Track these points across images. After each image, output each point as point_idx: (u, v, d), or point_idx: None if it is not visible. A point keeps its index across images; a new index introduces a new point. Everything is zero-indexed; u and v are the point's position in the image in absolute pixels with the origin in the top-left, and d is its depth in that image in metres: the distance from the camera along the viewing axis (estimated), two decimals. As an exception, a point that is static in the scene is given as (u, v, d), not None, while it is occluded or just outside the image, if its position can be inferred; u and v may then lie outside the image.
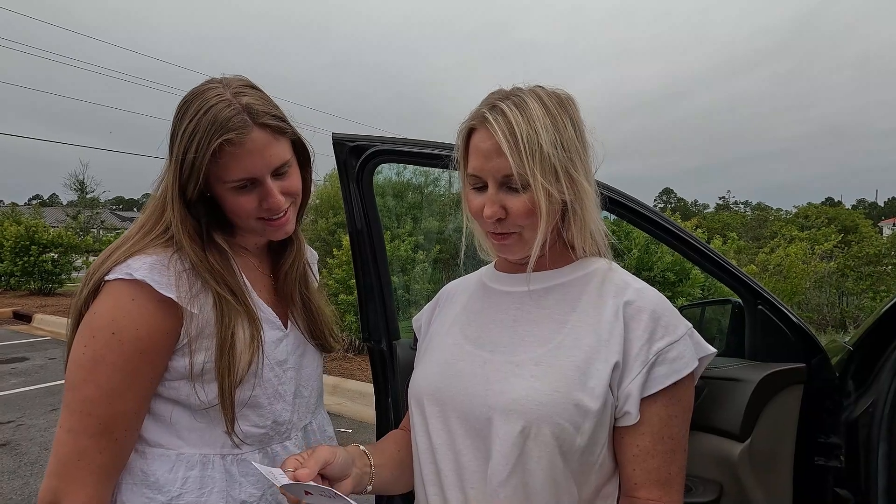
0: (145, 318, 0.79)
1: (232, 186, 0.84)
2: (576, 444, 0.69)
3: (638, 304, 0.74)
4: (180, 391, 0.84)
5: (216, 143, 0.79)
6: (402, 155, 1.30)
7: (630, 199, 1.22)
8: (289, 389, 0.94)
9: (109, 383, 0.77)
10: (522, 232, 0.75)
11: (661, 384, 0.70)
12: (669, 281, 6.12)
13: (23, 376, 5.76)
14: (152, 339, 0.80)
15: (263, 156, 0.83)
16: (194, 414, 0.86)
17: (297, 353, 0.98)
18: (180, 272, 0.82)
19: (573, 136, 0.74)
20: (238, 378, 0.84)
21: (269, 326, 0.92)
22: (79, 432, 0.77)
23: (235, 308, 0.85)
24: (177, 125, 0.83)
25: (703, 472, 1.23)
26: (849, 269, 10.09)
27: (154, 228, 0.85)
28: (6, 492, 3.22)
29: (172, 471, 0.84)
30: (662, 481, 0.71)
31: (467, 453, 0.74)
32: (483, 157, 0.73)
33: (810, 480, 1.25)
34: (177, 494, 0.83)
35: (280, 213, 0.88)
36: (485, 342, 0.80)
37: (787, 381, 1.22)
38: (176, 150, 0.82)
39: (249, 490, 0.88)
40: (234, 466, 0.88)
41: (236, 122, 0.80)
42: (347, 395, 5.13)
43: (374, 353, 1.46)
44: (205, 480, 0.85)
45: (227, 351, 0.83)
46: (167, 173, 0.85)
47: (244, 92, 0.83)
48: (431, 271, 7.35)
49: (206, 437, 0.86)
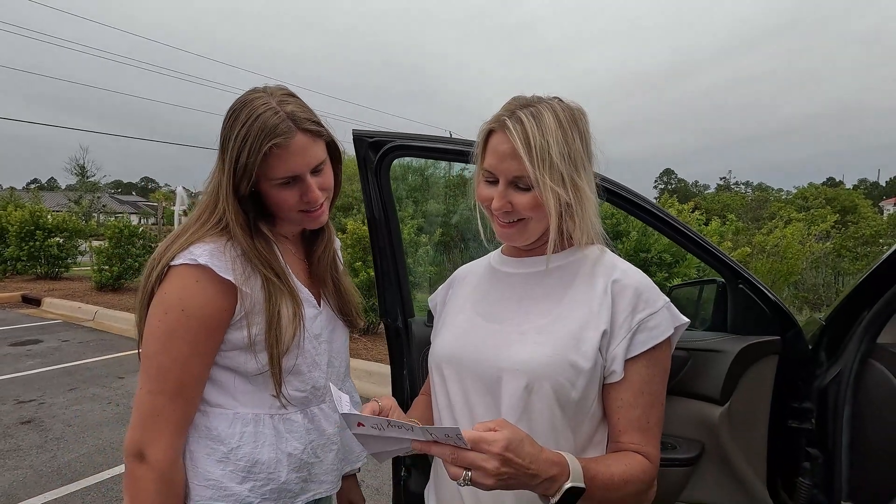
0: (208, 297, 0.91)
1: (277, 184, 0.96)
2: (571, 397, 0.83)
3: (623, 281, 0.87)
4: (235, 360, 0.97)
5: (266, 147, 0.90)
6: (416, 150, 1.41)
7: (623, 188, 1.34)
8: (323, 360, 1.08)
9: (180, 352, 0.90)
10: (527, 221, 0.88)
11: (641, 348, 0.84)
12: (666, 262, 6.26)
13: (38, 357, 5.93)
14: (214, 316, 0.92)
15: (304, 156, 0.95)
16: (247, 379, 0.99)
17: (329, 328, 1.11)
18: (234, 257, 0.94)
19: (580, 148, 0.86)
20: (284, 348, 0.97)
21: (307, 304, 1.04)
22: (156, 393, 0.91)
23: (280, 288, 0.98)
24: (228, 131, 0.94)
25: (686, 433, 1.38)
26: (845, 249, 10.21)
27: (209, 220, 0.97)
28: (37, 464, 3.41)
29: (231, 426, 0.97)
30: (642, 428, 0.85)
31: (480, 407, 0.88)
32: (499, 157, 0.85)
33: (785, 441, 1.39)
34: (235, 446, 0.97)
35: (317, 205, 1.00)
36: (494, 317, 0.93)
37: (764, 352, 1.35)
38: (229, 153, 0.93)
39: (294, 444, 1.02)
40: (280, 424, 1.01)
41: (283, 128, 0.91)
42: (354, 374, 5.29)
43: (390, 330, 1.59)
44: (258, 435, 0.99)
45: (275, 325, 0.95)
46: (218, 173, 0.97)
47: (287, 101, 0.95)
48: (434, 254, 7.47)
49: (256, 399, 1.00)
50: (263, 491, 0.98)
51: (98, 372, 5.42)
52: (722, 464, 1.36)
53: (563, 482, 0.72)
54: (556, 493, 0.72)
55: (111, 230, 10.54)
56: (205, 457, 0.96)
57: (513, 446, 0.68)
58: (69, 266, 12.37)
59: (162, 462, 0.90)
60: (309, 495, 1.05)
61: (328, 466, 1.09)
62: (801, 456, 1.38)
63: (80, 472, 3.29)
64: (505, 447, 0.67)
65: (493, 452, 0.67)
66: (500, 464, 0.67)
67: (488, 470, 0.67)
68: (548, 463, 0.71)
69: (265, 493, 0.98)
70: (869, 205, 31.25)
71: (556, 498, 0.72)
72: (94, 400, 4.60)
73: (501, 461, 0.67)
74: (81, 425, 4.03)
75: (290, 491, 1.02)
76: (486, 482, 0.67)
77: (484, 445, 0.67)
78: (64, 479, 3.21)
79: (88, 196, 27.33)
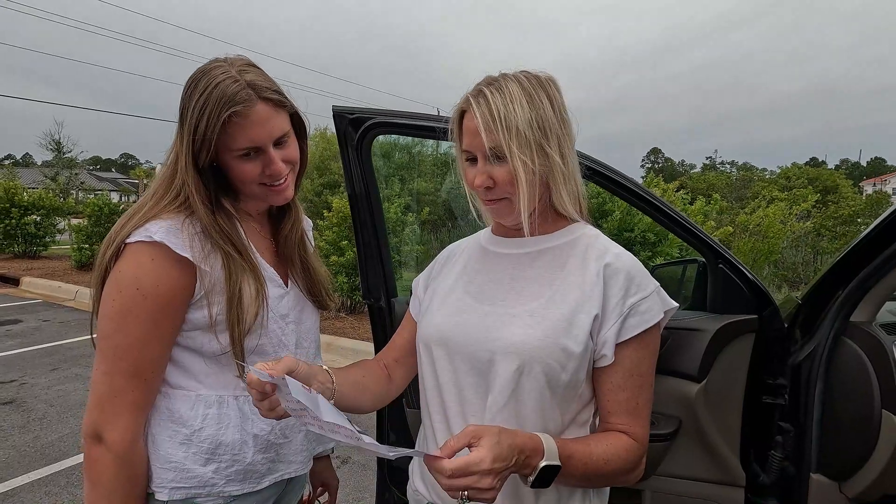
0: (164, 275, 0.88)
1: (238, 155, 0.92)
2: (561, 379, 0.84)
3: (616, 265, 0.87)
4: (197, 340, 0.94)
5: (225, 115, 0.87)
6: (397, 127, 1.39)
7: (605, 167, 1.33)
8: (291, 340, 1.05)
9: (136, 332, 0.88)
10: (511, 198, 0.87)
11: (632, 332, 0.84)
12: (649, 241, 6.32)
13: (19, 338, 5.84)
14: (171, 294, 0.89)
15: (266, 126, 0.91)
16: (209, 360, 0.96)
17: (297, 308, 1.08)
18: (193, 234, 0.91)
19: (550, 114, 0.84)
20: (246, 328, 0.94)
21: (272, 284, 1.01)
22: (113, 374, 0.88)
23: (241, 266, 0.94)
24: (187, 101, 0.90)
25: (664, 409, 1.41)
26: (825, 228, 10.42)
27: (166, 195, 0.93)
28: (19, 444, 3.38)
29: (193, 408, 0.95)
30: (631, 410, 0.86)
31: (469, 388, 0.88)
32: (471, 135, 0.85)
33: (760, 415, 1.43)
34: (198, 428, 0.95)
35: (281, 179, 0.97)
36: (485, 297, 0.92)
37: (741, 331, 1.38)
38: (188, 123, 0.89)
39: (261, 425, 1.00)
40: (246, 406, 0.99)
41: (242, 95, 0.88)
42: (340, 353, 5.33)
43: (373, 311, 1.59)
44: (221, 417, 0.96)
45: (236, 304, 0.93)
46: (177, 145, 0.93)
47: (247, 70, 0.92)
48: (420, 233, 7.45)
49: (220, 380, 0.97)
50: (229, 472, 0.97)
51: (80, 352, 5.35)
52: (698, 438, 1.40)
53: (537, 462, 0.74)
54: (532, 473, 0.74)
55: (90, 208, 10.31)
56: (167, 439, 0.94)
57: (497, 454, 0.69)
58: (48, 245, 12.11)
59: (120, 444, 0.88)
60: (277, 475, 1.04)
61: (297, 447, 1.08)
62: (773, 430, 1.42)
63: (63, 452, 3.28)
64: (493, 460, 0.68)
65: (483, 471, 0.68)
66: (493, 477, 0.68)
67: (485, 489, 0.68)
68: (524, 447, 0.73)
69: (230, 474, 0.97)
70: (850, 185, 31.80)
71: (533, 476, 0.74)
72: (76, 380, 4.56)
73: (493, 475, 0.68)
74: (64, 405, 4.00)
75: (256, 472, 1.00)
76: (487, 497, 0.69)
77: (473, 468, 0.67)
78: (48, 459, 3.20)
79: (65, 173, 26.57)
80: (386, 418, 1.64)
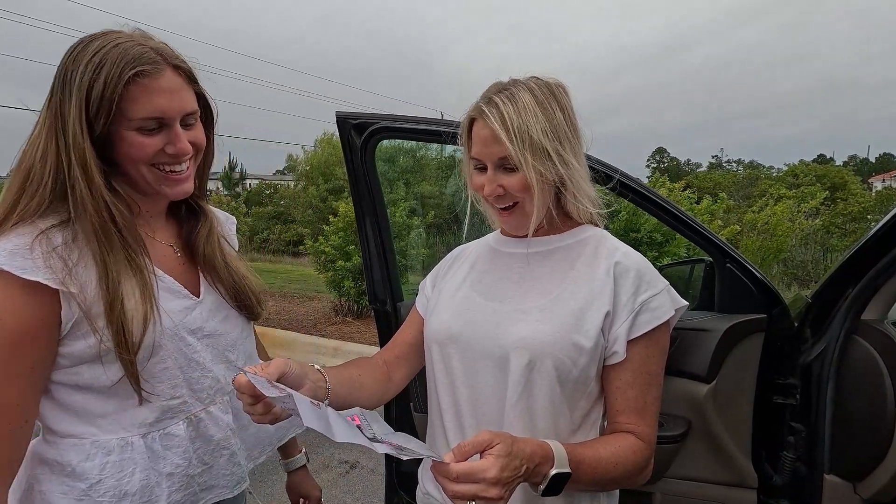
0: (10, 307, 0.73)
1: (138, 126, 0.78)
2: (572, 374, 0.84)
3: (625, 264, 0.88)
4: (84, 375, 0.80)
5: (129, 73, 0.74)
6: (402, 132, 1.39)
7: (612, 168, 1.33)
8: (206, 356, 0.91)
9: None
10: (522, 203, 0.88)
11: (643, 329, 0.85)
12: (656, 241, 6.30)
13: None
14: (24, 329, 0.74)
15: (176, 97, 0.80)
16: (105, 397, 0.82)
17: (216, 319, 0.94)
18: (48, 252, 0.74)
19: (562, 121, 0.85)
20: (135, 350, 0.79)
21: (174, 296, 0.88)
22: None
23: (127, 272, 0.79)
24: (70, 63, 0.76)
25: (673, 411, 1.40)
26: (834, 226, 10.33)
27: (19, 202, 0.77)
28: None
29: (88, 458, 0.81)
30: (639, 409, 0.86)
31: (481, 385, 0.88)
32: (482, 143, 0.86)
33: (770, 416, 1.42)
34: (96, 481, 0.81)
35: (182, 163, 0.84)
36: (494, 295, 0.93)
37: (750, 330, 1.37)
38: (76, 85, 0.74)
39: (175, 461, 0.87)
40: (155, 443, 0.86)
41: (149, 57, 0.77)
42: (347, 358, 5.28)
43: (379, 315, 1.60)
44: (124, 463, 0.82)
45: (120, 328, 0.77)
46: (55, 119, 0.77)
47: (150, 38, 0.81)
48: (426, 236, 7.47)
49: (122, 420, 0.83)
50: None
51: None
52: (708, 440, 1.39)
53: (548, 469, 0.73)
54: (543, 481, 0.74)
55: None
56: (59, 496, 0.80)
57: (506, 464, 0.67)
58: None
59: None
60: None
61: (219, 471, 0.95)
62: (785, 430, 1.41)
63: None
64: (501, 469, 0.67)
65: (490, 480, 0.66)
66: (501, 487, 0.67)
67: (493, 498, 0.67)
68: (534, 456, 0.72)
69: None
70: (858, 181, 31.53)
71: (543, 485, 0.74)
72: None
73: (501, 485, 0.67)
74: None
75: None
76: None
77: (479, 475, 0.66)
78: None
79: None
80: (393, 423, 1.64)
